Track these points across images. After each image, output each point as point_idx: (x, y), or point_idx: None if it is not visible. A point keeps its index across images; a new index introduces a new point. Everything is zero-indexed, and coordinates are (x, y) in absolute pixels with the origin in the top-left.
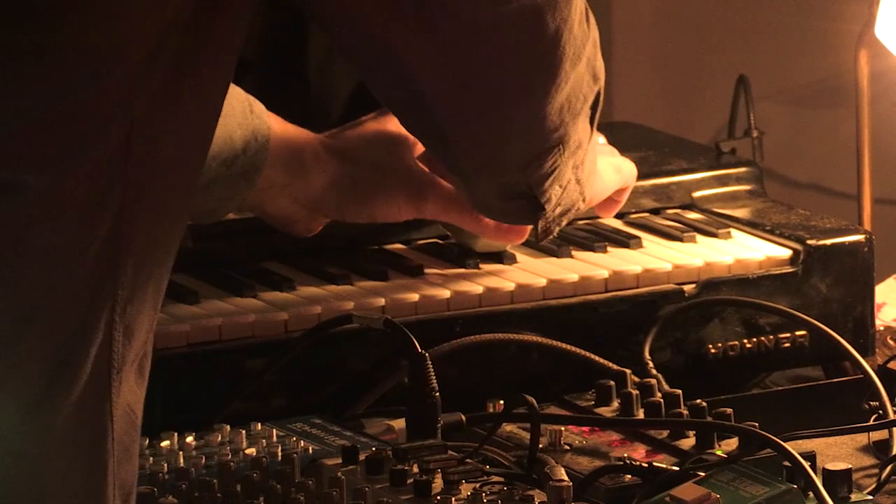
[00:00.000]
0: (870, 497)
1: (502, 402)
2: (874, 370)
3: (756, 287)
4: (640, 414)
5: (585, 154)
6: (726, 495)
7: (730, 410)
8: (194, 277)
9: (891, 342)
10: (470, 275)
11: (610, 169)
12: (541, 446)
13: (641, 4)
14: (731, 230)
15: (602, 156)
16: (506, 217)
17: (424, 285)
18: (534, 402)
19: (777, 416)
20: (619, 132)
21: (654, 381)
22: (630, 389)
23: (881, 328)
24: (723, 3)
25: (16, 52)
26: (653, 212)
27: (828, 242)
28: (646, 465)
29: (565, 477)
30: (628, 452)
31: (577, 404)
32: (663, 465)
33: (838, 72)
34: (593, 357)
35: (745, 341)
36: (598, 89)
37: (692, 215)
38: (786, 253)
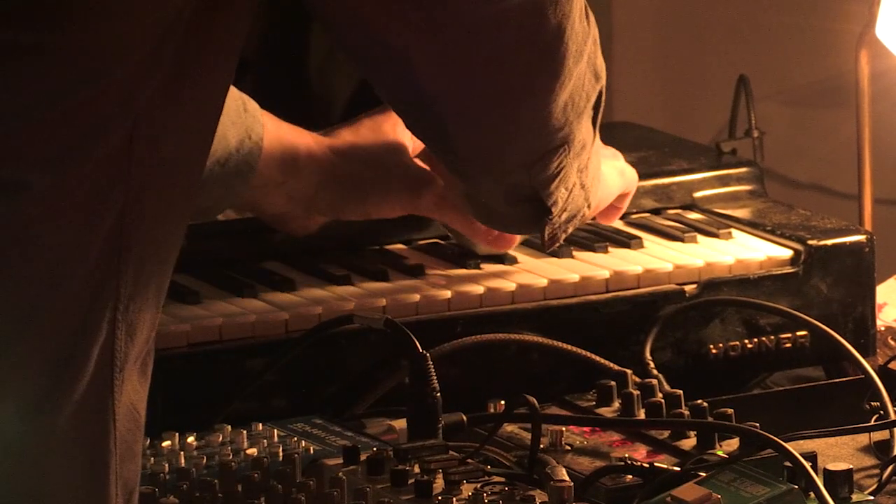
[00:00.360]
0: (871, 497)
1: (503, 403)
2: (875, 370)
3: (757, 287)
4: (641, 414)
5: (589, 158)
6: (727, 496)
7: (731, 411)
8: (195, 277)
9: (892, 342)
10: (471, 275)
11: (614, 172)
12: (542, 446)
13: (642, 4)
14: (732, 230)
15: (605, 159)
16: (510, 224)
17: (425, 285)
18: (535, 403)
19: (778, 417)
20: (620, 132)
21: (655, 382)
22: (631, 390)
23: (882, 328)
24: (723, 3)
25: (17, 52)
26: (653, 212)
27: (828, 243)
28: (647, 466)
29: (566, 477)
30: (629, 453)
31: (578, 405)
32: (664, 466)
33: (839, 72)
34: (594, 357)
35: (746, 341)
36: (601, 88)
37: (693, 215)
38: (786, 253)
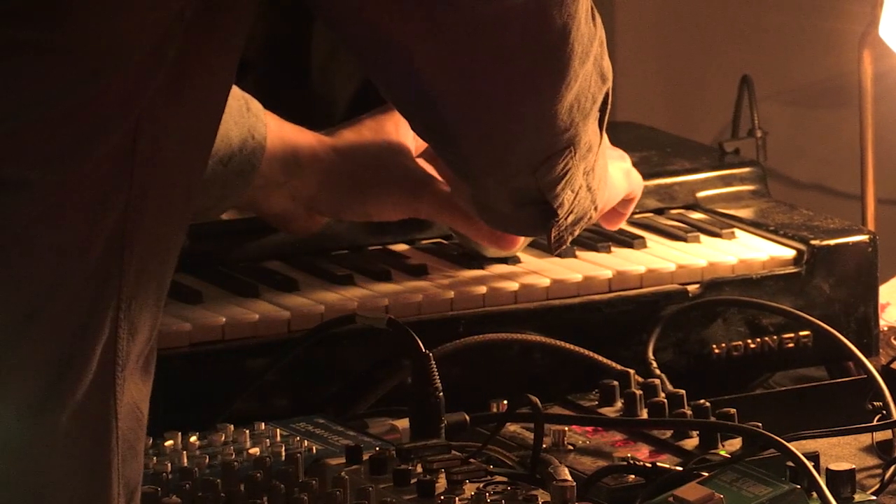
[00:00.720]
0: (873, 497)
1: (506, 402)
2: (878, 370)
3: (759, 287)
4: (644, 414)
5: (596, 160)
6: (730, 495)
7: (733, 410)
8: (197, 277)
9: (894, 342)
10: (474, 275)
11: (620, 174)
12: (544, 446)
13: (645, 5)
14: (735, 230)
15: (612, 161)
16: (516, 227)
17: (428, 285)
18: (537, 402)
19: (780, 417)
20: (623, 132)
21: (658, 382)
22: (633, 389)
23: (885, 328)
24: (726, 4)
25: (18, 50)
26: (656, 212)
27: (831, 243)
28: (649, 466)
29: (569, 477)
30: (632, 452)
31: (581, 404)
32: (667, 466)
33: (842, 72)
34: (597, 357)
35: (749, 341)
36: (607, 90)
37: (696, 215)
38: (789, 253)
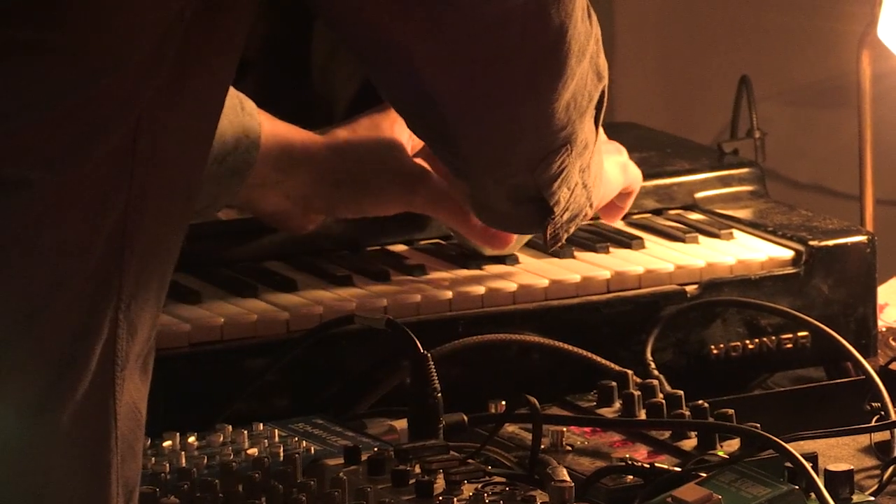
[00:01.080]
0: (871, 498)
1: (504, 403)
2: (876, 371)
3: (758, 288)
4: (642, 415)
5: (592, 157)
6: (728, 496)
7: (731, 411)
8: (196, 277)
9: (893, 343)
10: (472, 275)
11: (616, 169)
12: (542, 447)
13: (644, 5)
14: (734, 231)
15: (608, 154)
16: (513, 224)
17: (427, 286)
18: (536, 403)
19: (779, 417)
20: (622, 132)
21: (656, 382)
22: (632, 390)
23: (883, 329)
24: (725, 4)
25: (18, 50)
26: (655, 212)
27: (830, 243)
28: (647, 466)
29: (567, 477)
30: (630, 453)
31: (579, 405)
32: (665, 466)
33: (840, 72)
34: (595, 358)
35: (747, 342)
36: (603, 88)
37: (694, 216)
38: (788, 254)
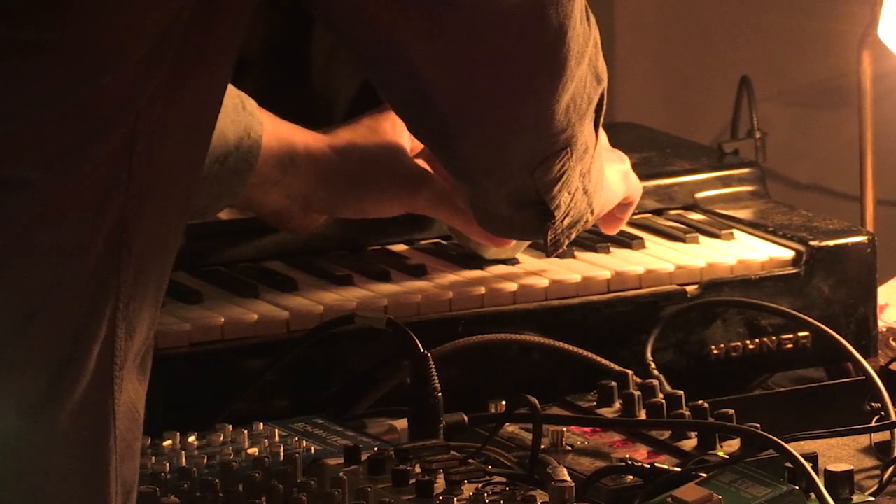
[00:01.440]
0: (871, 498)
1: (504, 403)
2: (876, 371)
3: (758, 288)
4: (642, 415)
5: (592, 162)
6: (728, 496)
7: (732, 411)
8: (197, 277)
9: (893, 343)
10: (473, 275)
11: (618, 177)
12: (543, 447)
13: (644, 5)
14: (734, 231)
15: (610, 163)
16: (514, 230)
17: (427, 286)
18: (536, 403)
19: (779, 417)
20: (622, 133)
21: (656, 382)
22: (632, 390)
23: (883, 329)
24: (725, 4)
25: (17, 50)
26: (655, 212)
27: (830, 244)
28: (647, 466)
29: (567, 477)
30: (630, 453)
31: (579, 405)
32: (665, 466)
33: (841, 73)
34: (595, 358)
35: (748, 342)
36: (602, 90)
37: (695, 216)
38: (788, 254)
